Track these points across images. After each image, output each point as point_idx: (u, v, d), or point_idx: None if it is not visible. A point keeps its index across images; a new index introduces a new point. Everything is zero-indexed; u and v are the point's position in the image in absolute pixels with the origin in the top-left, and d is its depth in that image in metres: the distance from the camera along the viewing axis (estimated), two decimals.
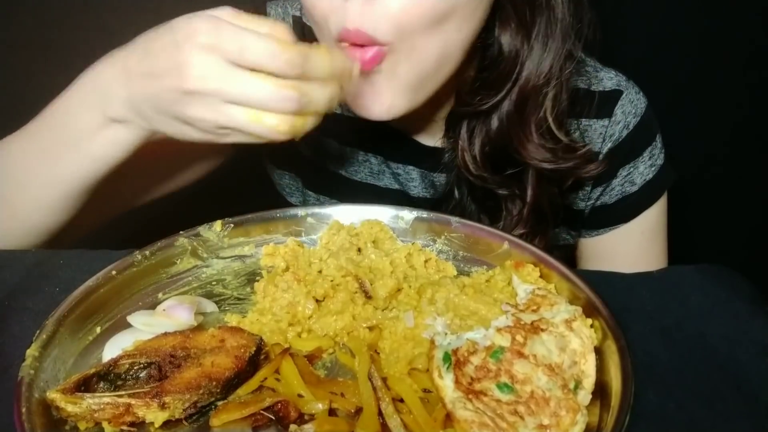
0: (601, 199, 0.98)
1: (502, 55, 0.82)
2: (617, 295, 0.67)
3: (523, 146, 0.84)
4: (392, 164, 0.98)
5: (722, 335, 0.65)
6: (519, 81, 0.82)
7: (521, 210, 0.89)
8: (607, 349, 0.59)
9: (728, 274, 0.75)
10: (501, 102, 0.84)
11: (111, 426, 0.53)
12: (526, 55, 0.81)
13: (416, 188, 0.98)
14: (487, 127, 0.86)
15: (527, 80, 0.82)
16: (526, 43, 0.81)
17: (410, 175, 0.98)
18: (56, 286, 0.69)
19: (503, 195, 0.89)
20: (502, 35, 0.81)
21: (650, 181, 0.96)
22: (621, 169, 0.96)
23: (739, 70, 1.44)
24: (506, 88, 0.82)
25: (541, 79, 0.82)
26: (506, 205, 0.90)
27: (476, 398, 0.54)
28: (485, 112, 0.85)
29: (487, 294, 0.68)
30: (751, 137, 1.50)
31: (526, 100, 0.83)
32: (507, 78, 0.82)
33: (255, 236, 0.78)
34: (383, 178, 0.99)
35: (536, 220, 0.89)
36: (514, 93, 0.83)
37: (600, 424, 0.53)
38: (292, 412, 0.54)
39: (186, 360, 0.58)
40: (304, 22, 0.94)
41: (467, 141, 0.87)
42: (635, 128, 0.94)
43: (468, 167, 0.86)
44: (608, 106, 0.93)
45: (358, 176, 0.99)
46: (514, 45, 0.81)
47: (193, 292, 0.71)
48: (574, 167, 0.87)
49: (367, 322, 0.65)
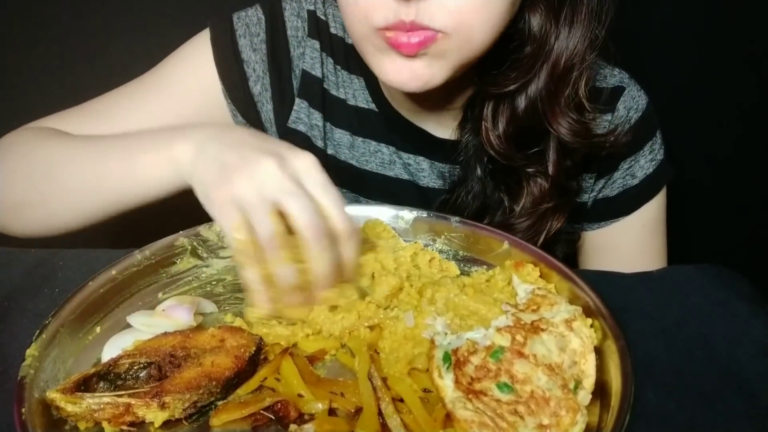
0: (603, 192, 1.00)
1: (530, 38, 0.84)
2: (617, 295, 0.67)
3: (556, 121, 0.85)
4: (403, 154, 0.98)
5: (722, 335, 0.65)
6: (548, 62, 0.83)
7: (543, 185, 0.90)
8: (607, 349, 0.59)
9: (728, 274, 0.75)
10: (528, 83, 0.85)
11: (111, 426, 0.53)
12: (554, 39, 0.83)
13: (425, 178, 0.99)
14: (512, 107, 0.87)
15: (557, 61, 0.83)
16: (554, 27, 0.82)
17: (420, 166, 0.99)
18: (56, 287, 0.69)
19: (525, 173, 0.90)
20: (532, 17, 0.83)
21: (650, 175, 0.98)
22: (622, 162, 0.97)
23: (740, 69, 1.44)
24: (534, 70, 0.84)
25: (571, 59, 0.83)
26: (528, 182, 0.91)
27: (476, 398, 0.54)
28: (511, 93, 0.86)
29: (487, 294, 0.69)
30: (752, 137, 1.50)
31: (557, 80, 0.84)
32: (537, 59, 0.83)
33: None
34: (394, 168, 0.99)
35: (559, 193, 0.91)
36: (543, 73, 0.84)
37: (600, 424, 0.53)
38: (292, 412, 0.54)
39: (186, 360, 0.58)
40: (318, 16, 0.95)
41: (491, 121, 0.88)
42: (637, 123, 0.96)
43: (493, 146, 0.88)
44: (611, 102, 0.95)
45: (369, 166, 0.99)
46: (545, 27, 0.83)
47: (193, 292, 0.71)
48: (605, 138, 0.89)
49: (369, 321, 0.65)
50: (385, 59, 0.76)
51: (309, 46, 0.94)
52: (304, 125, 0.95)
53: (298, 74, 0.94)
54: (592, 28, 0.83)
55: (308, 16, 0.95)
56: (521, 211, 0.90)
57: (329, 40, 0.95)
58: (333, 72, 0.95)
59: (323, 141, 0.97)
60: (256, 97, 0.93)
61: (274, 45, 0.92)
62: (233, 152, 0.65)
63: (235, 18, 0.93)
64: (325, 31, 0.95)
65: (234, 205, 0.61)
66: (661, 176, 0.99)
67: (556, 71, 0.83)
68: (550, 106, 0.85)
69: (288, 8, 0.95)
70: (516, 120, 0.87)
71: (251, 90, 0.92)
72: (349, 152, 0.98)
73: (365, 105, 0.96)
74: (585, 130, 0.87)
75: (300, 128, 0.95)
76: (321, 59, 0.94)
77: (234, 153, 0.65)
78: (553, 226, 0.91)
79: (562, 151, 0.89)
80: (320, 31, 0.94)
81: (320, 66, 0.94)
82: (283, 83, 0.94)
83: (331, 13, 0.95)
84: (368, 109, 0.96)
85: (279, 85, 0.94)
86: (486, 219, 0.93)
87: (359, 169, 0.99)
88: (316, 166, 0.64)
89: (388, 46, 0.73)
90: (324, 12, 0.95)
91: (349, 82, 0.96)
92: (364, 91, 0.95)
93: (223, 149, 0.66)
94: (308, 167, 0.63)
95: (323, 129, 0.96)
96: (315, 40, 0.94)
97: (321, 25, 0.95)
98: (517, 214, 0.91)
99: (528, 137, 0.88)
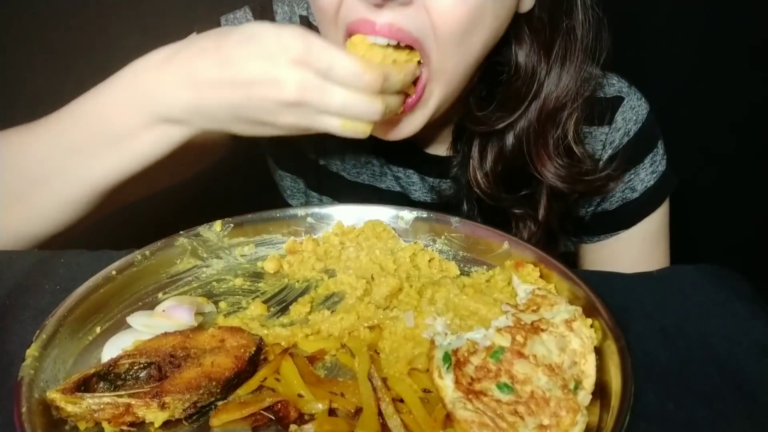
0: (601, 206, 0.98)
1: (518, 73, 0.82)
2: (617, 295, 0.67)
3: (542, 164, 0.85)
4: (393, 167, 0.98)
5: (722, 335, 0.65)
6: (537, 100, 0.82)
7: (531, 228, 0.89)
8: (607, 349, 0.59)
9: (728, 274, 0.75)
10: (517, 121, 0.84)
11: (111, 426, 0.53)
12: (545, 75, 0.82)
13: (417, 192, 0.99)
14: (500, 145, 0.86)
15: (547, 100, 0.82)
16: (545, 62, 0.81)
17: (411, 179, 0.98)
18: (57, 286, 0.69)
19: (514, 214, 0.89)
20: (518, 51, 0.82)
21: (651, 188, 0.96)
22: None
23: (741, 71, 1.44)
24: (523, 107, 0.83)
25: (561, 99, 0.82)
26: (516, 223, 0.90)
27: (476, 398, 0.54)
28: (499, 131, 0.85)
29: (487, 294, 0.69)
30: (752, 138, 1.50)
31: (545, 120, 0.83)
32: (524, 97, 0.82)
33: (255, 236, 0.78)
34: (385, 180, 0.99)
35: (547, 238, 0.90)
36: (532, 112, 0.83)
37: (600, 424, 0.53)
38: (292, 412, 0.54)
39: (186, 360, 0.58)
40: (311, 22, 0.94)
41: (478, 159, 0.87)
42: (636, 135, 0.94)
43: (480, 185, 0.87)
44: (609, 113, 0.93)
45: (360, 178, 0.99)
46: (531, 62, 0.81)
47: (193, 292, 0.71)
48: (596, 187, 0.88)
49: (368, 321, 0.65)
50: None
51: None
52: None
53: None
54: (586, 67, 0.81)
55: (300, 21, 0.94)
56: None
57: None
58: None
59: (315, 152, 0.96)
60: None
61: None
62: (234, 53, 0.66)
63: (222, 20, 0.92)
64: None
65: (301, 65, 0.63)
66: (662, 188, 0.97)
67: (546, 109, 0.82)
68: (536, 148, 0.84)
69: (280, 11, 0.94)
70: (504, 159, 0.86)
71: None
72: (341, 164, 0.98)
73: None
74: (574, 174, 0.85)
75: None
76: None
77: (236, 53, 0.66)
78: None
79: (553, 194, 0.88)
80: None
81: None
82: None
83: None
84: None
85: None
86: None
87: (350, 180, 0.99)
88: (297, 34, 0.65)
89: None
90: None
91: None
92: None
93: (220, 62, 0.66)
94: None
95: (315, 140, 0.95)
96: None
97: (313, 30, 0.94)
98: None
99: (517, 179, 0.87)
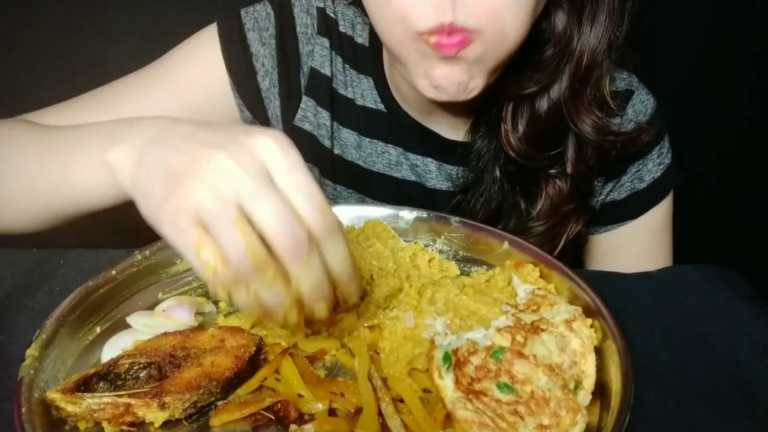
0: (610, 195, 1.00)
1: (556, 37, 0.84)
2: (617, 295, 0.67)
3: (580, 120, 0.85)
4: (411, 156, 0.98)
5: (722, 335, 0.65)
6: (571, 62, 0.84)
7: (561, 187, 0.90)
8: (607, 349, 0.59)
9: (728, 274, 0.75)
10: (552, 83, 0.85)
11: (111, 426, 0.53)
12: (578, 36, 0.83)
13: (433, 180, 0.99)
14: (532, 108, 0.87)
15: (580, 60, 0.83)
16: (577, 24, 0.83)
17: (428, 167, 0.98)
18: (56, 286, 0.69)
19: (545, 174, 0.90)
20: (556, 16, 0.83)
21: (658, 179, 0.98)
22: (630, 166, 0.97)
23: (744, 70, 1.44)
24: (559, 69, 0.84)
25: (593, 58, 0.83)
26: (546, 184, 0.91)
27: (476, 398, 0.54)
28: (531, 95, 0.86)
29: (487, 294, 0.68)
30: (753, 138, 1.50)
31: (580, 79, 0.84)
32: (561, 59, 0.84)
33: None
34: (401, 170, 0.99)
35: (578, 195, 0.91)
36: (567, 73, 0.84)
37: (600, 424, 0.53)
38: (292, 412, 0.54)
39: (186, 360, 0.58)
40: (327, 13, 0.94)
41: (510, 123, 0.87)
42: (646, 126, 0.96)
43: (514, 148, 0.87)
44: (621, 105, 0.95)
45: (376, 167, 0.99)
46: (569, 26, 0.83)
47: (193, 292, 0.71)
48: (631, 139, 0.89)
49: (368, 321, 0.65)
50: (428, 66, 0.75)
51: (318, 43, 0.93)
52: (310, 124, 0.95)
53: (305, 71, 0.93)
54: (613, 28, 0.83)
55: (318, 13, 0.94)
56: (538, 214, 0.90)
57: (338, 39, 0.94)
58: (341, 71, 0.95)
59: (330, 140, 0.97)
60: (264, 92, 0.92)
61: (283, 40, 0.92)
62: (177, 154, 0.51)
63: (243, 12, 0.93)
64: (334, 29, 0.94)
65: (189, 219, 0.48)
66: (668, 180, 0.99)
67: (579, 70, 0.84)
68: (574, 105, 0.85)
69: (297, 4, 0.95)
70: (537, 121, 0.87)
71: (259, 85, 0.91)
72: (356, 152, 0.98)
73: (373, 105, 0.95)
74: (608, 127, 0.88)
75: (306, 127, 0.95)
76: (330, 57, 0.94)
77: (178, 154, 0.51)
78: (572, 230, 0.91)
79: (580, 151, 0.89)
80: (330, 29, 0.94)
81: (329, 64, 0.94)
82: (291, 80, 0.93)
83: (340, 11, 0.95)
84: (376, 109, 0.95)
85: (287, 81, 0.93)
86: (501, 223, 0.92)
87: (366, 169, 0.99)
88: (278, 144, 0.50)
89: (432, 50, 0.72)
90: (333, 10, 0.94)
91: (357, 82, 0.95)
92: (373, 91, 0.95)
93: (165, 152, 0.53)
94: (269, 149, 0.49)
95: (330, 128, 0.96)
96: (324, 38, 0.93)
97: (330, 22, 0.94)
98: (535, 218, 0.90)
99: (549, 138, 0.88)
